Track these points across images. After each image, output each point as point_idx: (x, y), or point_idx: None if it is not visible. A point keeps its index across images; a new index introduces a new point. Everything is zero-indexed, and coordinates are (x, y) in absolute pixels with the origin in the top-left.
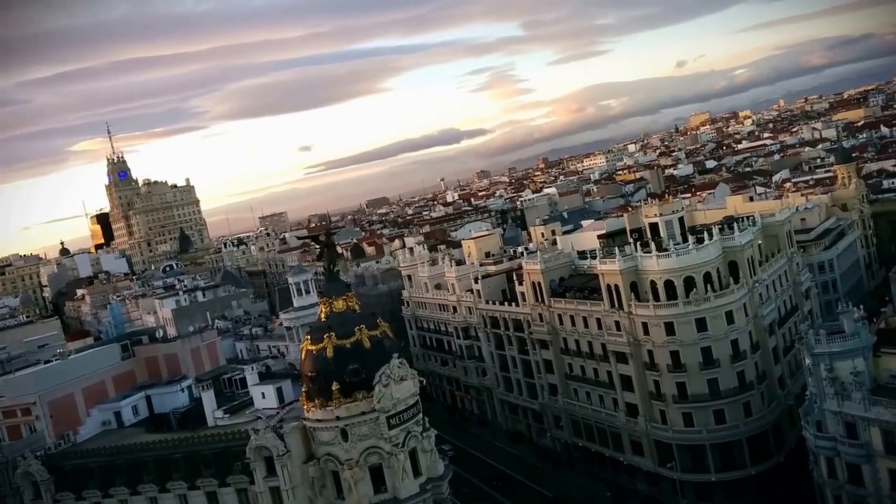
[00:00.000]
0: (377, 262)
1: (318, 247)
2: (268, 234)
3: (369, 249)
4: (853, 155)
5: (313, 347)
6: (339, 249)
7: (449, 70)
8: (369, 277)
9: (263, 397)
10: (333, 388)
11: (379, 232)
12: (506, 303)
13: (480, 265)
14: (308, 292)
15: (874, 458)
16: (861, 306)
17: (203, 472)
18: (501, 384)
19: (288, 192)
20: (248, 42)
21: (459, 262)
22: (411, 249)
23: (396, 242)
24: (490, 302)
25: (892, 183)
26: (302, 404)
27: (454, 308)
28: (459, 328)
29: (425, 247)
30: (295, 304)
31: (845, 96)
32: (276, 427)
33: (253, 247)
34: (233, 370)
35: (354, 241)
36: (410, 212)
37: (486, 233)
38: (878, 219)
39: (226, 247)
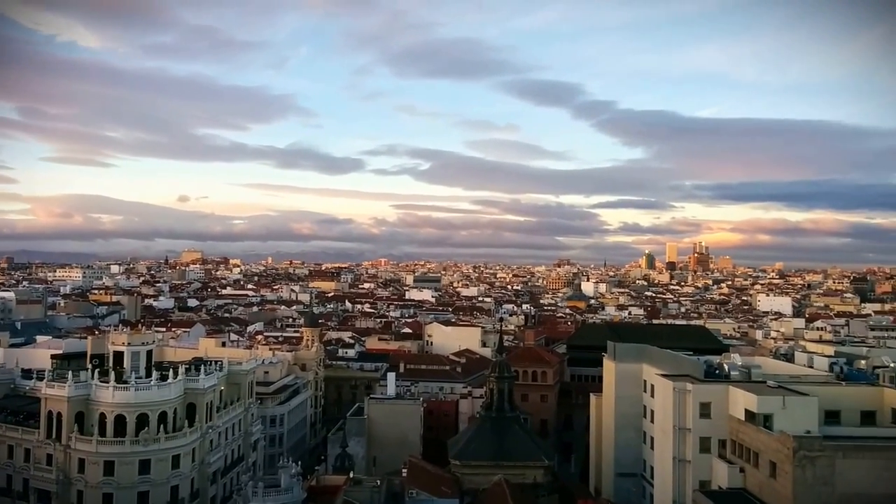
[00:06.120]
0: None
1: None
2: None
3: None
4: (320, 321)
5: None
6: None
7: None
8: None
9: None
10: None
11: None
12: None
13: None
14: None
15: None
16: (300, 462)
17: None
18: None
19: None
20: None
21: None
22: None
23: None
24: None
25: (346, 353)
26: None
27: None
28: None
29: None
30: None
31: (323, 268)
32: None
33: None
34: None
35: None
36: None
37: None
38: (329, 382)
39: None
